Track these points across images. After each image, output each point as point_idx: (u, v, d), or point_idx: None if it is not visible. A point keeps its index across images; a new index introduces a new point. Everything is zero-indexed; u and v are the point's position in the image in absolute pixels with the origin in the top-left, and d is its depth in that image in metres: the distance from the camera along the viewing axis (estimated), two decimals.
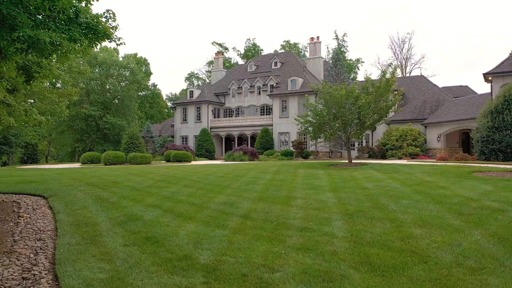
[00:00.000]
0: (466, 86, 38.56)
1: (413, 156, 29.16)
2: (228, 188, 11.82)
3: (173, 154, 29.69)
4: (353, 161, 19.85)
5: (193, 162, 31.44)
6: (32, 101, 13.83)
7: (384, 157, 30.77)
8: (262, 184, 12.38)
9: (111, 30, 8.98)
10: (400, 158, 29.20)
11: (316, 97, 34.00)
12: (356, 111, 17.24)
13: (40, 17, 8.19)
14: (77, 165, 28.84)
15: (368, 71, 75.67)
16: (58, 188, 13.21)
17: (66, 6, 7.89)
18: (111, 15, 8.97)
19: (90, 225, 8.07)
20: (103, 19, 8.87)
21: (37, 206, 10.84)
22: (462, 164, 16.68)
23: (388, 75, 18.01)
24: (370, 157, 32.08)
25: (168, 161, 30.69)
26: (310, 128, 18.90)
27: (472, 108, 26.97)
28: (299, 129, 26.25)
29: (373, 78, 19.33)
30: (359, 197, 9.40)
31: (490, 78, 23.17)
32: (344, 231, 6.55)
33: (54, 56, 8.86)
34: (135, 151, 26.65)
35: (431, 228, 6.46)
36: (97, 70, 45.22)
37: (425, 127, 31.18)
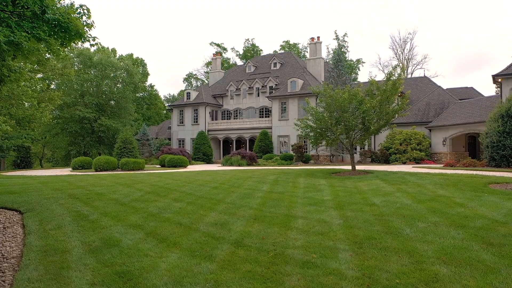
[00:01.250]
0: (472, 88, 37.47)
1: (417, 160, 28.09)
2: (221, 203, 10.74)
3: (168, 159, 28.58)
4: (356, 167, 18.73)
5: (189, 167, 30.34)
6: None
7: (387, 161, 29.70)
8: (258, 198, 11.30)
9: (85, 28, 7.89)
10: (404, 163, 28.13)
11: (317, 100, 32.92)
12: (360, 116, 16.16)
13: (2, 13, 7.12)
14: (67, 170, 27.76)
15: (372, 72, 74.13)
16: (37, 201, 12.15)
17: (29, 0, 6.81)
18: (85, 11, 7.87)
19: (59, 252, 6.99)
20: (77, 15, 7.79)
21: (9, 224, 9.77)
22: (474, 173, 15.59)
23: (394, 77, 16.88)
24: (372, 161, 31.00)
25: (163, 166, 29.59)
26: (311, 134, 17.81)
27: (480, 111, 25.90)
28: (299, 133, 25.23)
29: (376, 80, 18.19)
30: (367, 218, 8.31)
31: (499, 80, 22.10)
32: (354, 268, 5.46)
33: (20, 57, 7.79)
34: (128, 156, 25.53)
35: (459, 265, 5.37)
36: (92, 72, 44.08)
37: (430, 130, 30.11)
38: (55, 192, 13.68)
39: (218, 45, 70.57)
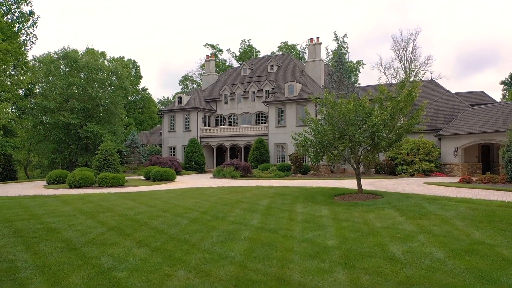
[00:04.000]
0: (482, 92, 35.14)
1: (426, 172, 25.77)
2: (195, 251, 8.36)
3: (153, 171, 26.12)
4: (361, 180, 16.12)
5: (177, 179, 27.92)
6: None
7: (393, 173, 27.36)
8: (245, 242, 8.92)
9: None
10: (412, 175, 25.81)
11: (316, 107, 30.57)
12: (368, 130, 13.80)
13: None
14: (41, 186, 25.29)
15: (381, 78, 70.25)
16: None
17: None
18: None
19: None
20: None
21: None
22: (506, 199, 13.16)
23: (409, 82, 14.53)
24: (377, 172, 28.67)
25: (148, 179, 27.15)
26: (311, 149, 15.44)
27: (496, 119, 23.57)
28: (297, 141, 22.87)
29: (377, 84, 15.86)
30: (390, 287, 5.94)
31: None
32: None
33: None
34: (108, 169, 23.11)
35: None
36: (80, 75, 41.56)
37: (439, 139, 27.76)
38: (1, 225, 11.29)
39: (213, 46, 68.30)
